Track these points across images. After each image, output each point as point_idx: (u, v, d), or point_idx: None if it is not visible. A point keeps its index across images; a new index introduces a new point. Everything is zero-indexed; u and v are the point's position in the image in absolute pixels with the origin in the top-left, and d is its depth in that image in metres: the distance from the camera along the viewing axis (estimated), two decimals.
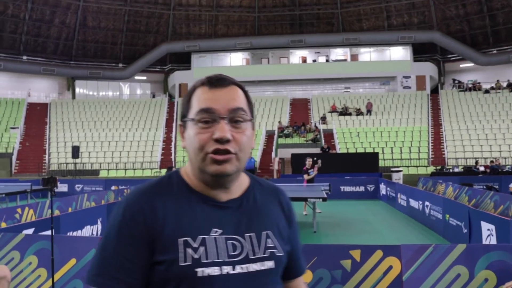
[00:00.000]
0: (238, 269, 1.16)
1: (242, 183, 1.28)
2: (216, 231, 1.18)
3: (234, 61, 36.58)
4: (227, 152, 1.16)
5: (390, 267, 4.65)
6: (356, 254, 4.69)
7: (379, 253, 4.67)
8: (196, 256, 1.13)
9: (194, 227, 1.16)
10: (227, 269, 1.15)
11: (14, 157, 26.20)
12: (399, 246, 4.65)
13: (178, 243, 1.14)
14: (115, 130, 29.14)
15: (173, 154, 26.09)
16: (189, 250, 1.13)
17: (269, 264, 1.21)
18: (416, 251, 4.68)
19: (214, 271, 1.14)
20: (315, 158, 13.43)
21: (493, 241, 6.59)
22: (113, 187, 16.47)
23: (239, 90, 1.24)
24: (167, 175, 1.27)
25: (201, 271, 1.13)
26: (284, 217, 1.33)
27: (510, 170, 19.54)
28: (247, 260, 1.18)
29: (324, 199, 9.53)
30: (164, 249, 1.14)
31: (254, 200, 1.28)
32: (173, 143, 27.28)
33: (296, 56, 36.25)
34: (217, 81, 1.21)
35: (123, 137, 28.03)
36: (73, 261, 4.78)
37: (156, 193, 1.20)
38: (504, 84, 30.78)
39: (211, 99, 1.19)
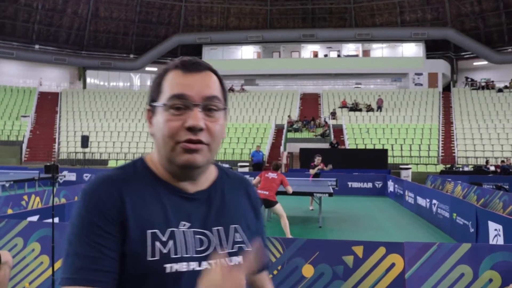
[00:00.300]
0: (205, 265, 1.10)
1: (210, 174, 1.22)
2: (185, 224, 1.11)
3: (245, 54, 36.50)
4: (199, 142, 1.09)
5: (393, 265, 4.61)
6: (359, 250, 4.65)
7: (382, 250, 4.63)
8: (164, 250, 1.07)
9: (162, 219, 1.09)
10: (193, 265, 1.09)
11: (24, 145, 26.41)
12: (403, 243, 4.60)
13: (146, 235, 1.06)
14: (124, 120, 29.26)
15: None
16: (158, 244, 1.06)
17: (237, 259, 1.16)
18: (420, 249, 4.63)
19: (182, 267, 1.08)
20: (330, 166, 13.27)
21: (500, 241, 6.51)
22: None
23: (214, 76, 1.17)
24: (131, 162, 1.19)
25: (170, 267, 1.06)
26: (252, 209, 1.28)
27: None
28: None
29: (330, 195, 9.50)
30: (132, 240, 1.05)
31: (222, 192, 1.22)
32: None
33: (308, 50, 36.07)
34: (191, 65, 1.14)
35: (133, 127, 28.14)
36: None
37: (123, 181, 1.11)
38: None
39: (185, 84, 1.11)
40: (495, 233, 6.80)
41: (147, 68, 36.30)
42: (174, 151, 1.10)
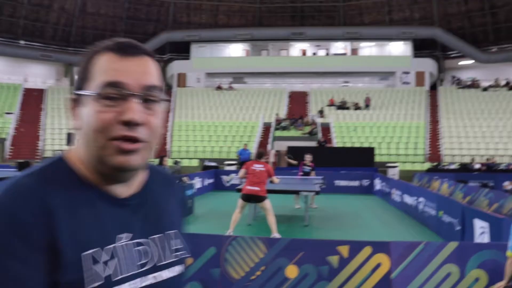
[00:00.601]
0: (150, 279, 0.95)
1: (140, 173, 1.03)
2: (123, 237, 0.93)
3: (234, 52, 36.38)
4: (137, 140, 0.91)
5: (379, 265, 4.50)
6: (344, 250, 4.54)
7: (367, 250, 4.52)
8: (106, 273, 0.88)
9: (98, 234, 0.90)
10: (136, 283, 0.93)
11: (8, 142, 25.98)
12: (389, 242, 4.50)
13: (82, 258, 0.86)
14: None
15: (168, 144, 25.91)
16: (98, 267, 0.87)
17: (178, 269, 1.02)
18: (406, 248, 4.53)
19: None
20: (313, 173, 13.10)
21: (486, 239, 6.45)
22: None
23: (153, 62, 0.98)
24: (49, 163, 0.96)
25: None
26: (181, 210, 1.13)
27: (505, 168, 19.43)
28: (155, 269, 0.97)
29: (317, 193, 9.39)
30: (65, 266, 0.84)
31: (154, 193, 1.05)
32: (169, 133, 27.09)
33: (296, 48, 36.02)
34: (128, 48, 0.95)
35: None
36: None
37: (43, 188, 0.88)
38: (503, 83, 30.58)
39: (121, 70, 0.92)
40: (481, 230, 6.73)
41: None
42: (105, 149, 0.91)
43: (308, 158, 12.81)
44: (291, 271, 4.54)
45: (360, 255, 4.51)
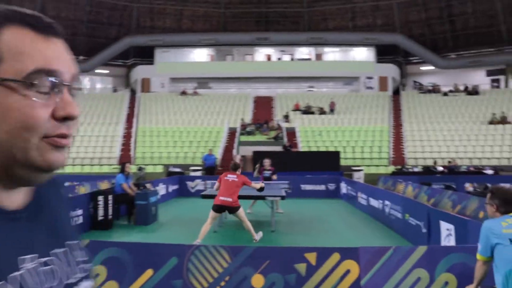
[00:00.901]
0: None
1: None
2: (26, 259, 0.73)
3: (199, 56, 36.10)
4: (68, 135, 0.76)
5: (348, 271, 4.38)
6: (312, 257, 4.39)
7: (336, 256, 4.40)
8: None
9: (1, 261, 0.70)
10: None
11: None
12: (357, 248, 4.38)
13: None
14: None
15: (132, 150, 25.32)
16: None
17: (88, 284, 0.85)
18: (375, 254, 4.41)
19: None
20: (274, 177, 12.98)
21: (452, 241, 6.42)
22: (67, 183, 15.67)
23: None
24: None
25: None
26: (69, 215, 0.93)
27: (466, 170, 19.85)
28: None
29: (282, 198, 9.23)
30: None
31: (46, 200, 0.86)
32: (133, 139, 26.50)
33: (261, 53, 36.03)
34: (47, 26, 0.76)
35: (81, 131, 27.01)
36: None
37: None
38: (462, 88, 31.44)
39: (51, 56, 0.74)
40: (447, 232, 6.70)
41: (98, 71, 35.09)
42: (37, 149, 0.72)
43: (267, 162, 12.82)
44: (257, 281, 4.37)
45: (328, 262, 4.40)
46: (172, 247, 4.82)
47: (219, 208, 7.94)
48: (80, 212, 9.16)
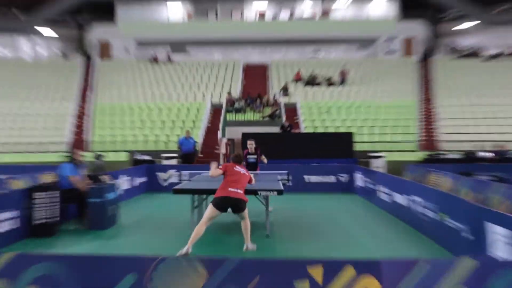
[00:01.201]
0: None
1: None
2: None
3: (173, 14, 35.72)
4: None
5: None
6: (317, 272, 4.32)
7: (349, 271, 4.30)
8: None
9: None
10: None
11: None
12: (379, 261, 4.22)
13: None
14: (11, 100, 27.82)
15: (87, 133, 25.07)
16: None
17: None
18: (402, 269, 4.26)
19: None
20: (264, 159, 12.92)
21: (508, 251, 6.12)
22: None
23: None
24: None
25: None
26: None
27: None
28: None
29: (279, 192, 9.00)
30: None
31: None
32: (88, 119, 26.26)
33: (252, 10, 35.73)
34: None
35: (22, 109, 26.76)
36: None
37: None
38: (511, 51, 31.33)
39: None
40: (501, 240, 6.38)
41: (41, 31, 34.53)
42: None
43: (250, 144, 12.91)
44: None
45: (339, 279, 4.32)
46: (129, 261, 4.74)
47: (225, 202, 7.84)
48: (13, 214, 8.85)
